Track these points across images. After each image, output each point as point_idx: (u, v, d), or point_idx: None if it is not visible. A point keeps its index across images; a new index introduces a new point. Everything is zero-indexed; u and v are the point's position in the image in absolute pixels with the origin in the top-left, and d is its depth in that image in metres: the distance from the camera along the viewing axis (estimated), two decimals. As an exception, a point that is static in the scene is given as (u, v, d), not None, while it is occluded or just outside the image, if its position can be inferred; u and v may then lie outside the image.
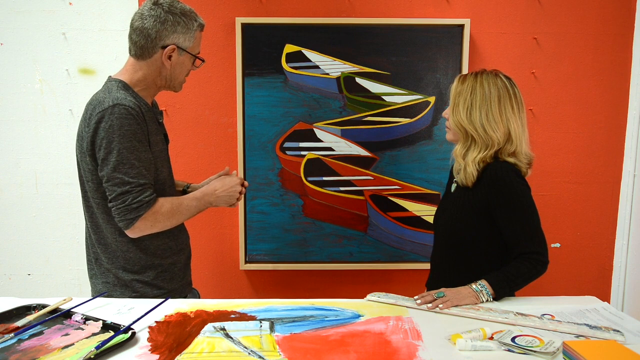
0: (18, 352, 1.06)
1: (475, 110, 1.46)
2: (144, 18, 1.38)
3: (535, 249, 1.41)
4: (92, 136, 1.33)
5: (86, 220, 1.49)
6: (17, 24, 2.16)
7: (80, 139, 1.41)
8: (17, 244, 2.29)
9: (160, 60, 1.42)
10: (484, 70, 1.51)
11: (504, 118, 1.45)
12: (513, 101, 1.46)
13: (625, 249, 2.30)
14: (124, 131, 1.32)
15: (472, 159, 1.47)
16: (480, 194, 1.45)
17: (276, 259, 2.25)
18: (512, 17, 2.18)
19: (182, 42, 1.42)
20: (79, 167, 1.47)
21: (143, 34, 1.39)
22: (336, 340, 1.14)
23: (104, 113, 1.31)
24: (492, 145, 1.45)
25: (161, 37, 1.39)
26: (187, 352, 1.08)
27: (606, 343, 1.09)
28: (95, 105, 1.36)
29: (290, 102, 2.17)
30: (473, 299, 1.35)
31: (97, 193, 1.40)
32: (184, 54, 1.44)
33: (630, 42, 2.21)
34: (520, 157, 1.46)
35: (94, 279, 1.51)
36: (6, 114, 2.21)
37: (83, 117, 1.39)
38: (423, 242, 2.25)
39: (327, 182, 2.22)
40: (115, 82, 1.41)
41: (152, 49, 1.40)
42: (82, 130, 1.39)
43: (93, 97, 1.40)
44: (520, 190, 1.43)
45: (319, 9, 2.15)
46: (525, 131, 1.49)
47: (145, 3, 1.41)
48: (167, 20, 1.38)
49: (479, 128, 1.46)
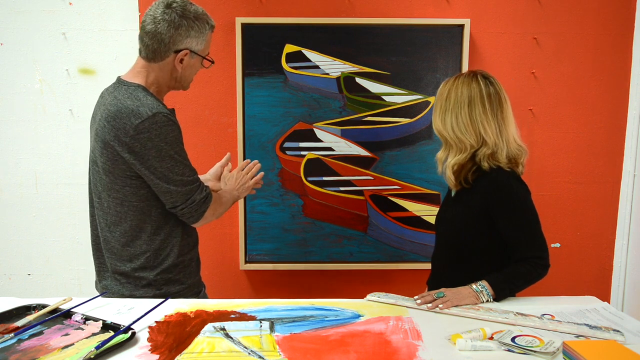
0: (18, 352, 1.06)
1: (448, 115, 1.47)
2: (157, 22, 1.37)
3: (535, 254, 1.41)
4: (133, 145, 1.32)
5: (101, 225, 1.46)
6: (17, 24, 2.16)
7: (105, 146, 1.35)
8: (17, 244, 2.29)
9: (172, 63, 1.42)
10: (465, 73, 1.50)
11: (474, 121, 1.43)
12: (486, 102, 1.43)
13: (625, 249, 2.30)
14: (170, 138, 1.34)
15: (448, 163, 1.48)
16: (480, 197, 1.45)
17: (276, 259, 2.25)
18: (512, 17, 2.18)
19: (195, 46, 1.42)
20: (95, 173, 1.43)
21: (156, 38, 1.37)
22: (336, 340, 1.14)
23: (146, 123, 1.31)
24: (464, 149, 1.45)
25: (175, 42, 1.38)
26: (187, 352, 1.08)
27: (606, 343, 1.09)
28: (128, 114, 1.32)
29: (290, 102, 2.17)
30: (473, 299, 1.36)
31: (136, 197, 1.39)
32: (195, 56, 1.44)
33: (630, 42, 2.21)
34: (499, 158, 1.43)
35: (109, 280, 1.48)
36: (6, 114, 2.21)
37: (111, 125, 1.33)
38: (423, 242, 2.25)
39: (327, 182, 2.22)
40: (135, 86, 1.39)
41: (165, 53, 1.40)
42: (110, 137, 1.34)
43: (120, 105, 1.34)
44: (521, 195, 1.43)
45: (319, 9, 2.15)
46: (506, 130, 1.45)
47: (158, 5, 1.39)
48: (181, 25, 1.37)
49: (450, 132, 1.46)
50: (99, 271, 1.53)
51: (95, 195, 1.45)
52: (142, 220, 1.41)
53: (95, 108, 1.48)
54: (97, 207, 1.46)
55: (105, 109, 1.37)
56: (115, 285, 1.47)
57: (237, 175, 1.61)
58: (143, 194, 1.39)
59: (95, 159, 1.42)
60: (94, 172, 1.44)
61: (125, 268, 1.45)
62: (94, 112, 1.49)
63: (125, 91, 1.38)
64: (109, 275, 1.49)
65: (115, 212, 1.41)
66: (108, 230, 1.44)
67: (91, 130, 1.48)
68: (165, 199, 1.39)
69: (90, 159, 1.45)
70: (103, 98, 1.44)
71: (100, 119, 1.38)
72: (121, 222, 1.41)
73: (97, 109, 1.46)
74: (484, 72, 1.51)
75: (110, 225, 1.43)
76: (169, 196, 1.38)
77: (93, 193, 1.47)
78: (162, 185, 1.36)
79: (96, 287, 1.57)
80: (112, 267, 1.47)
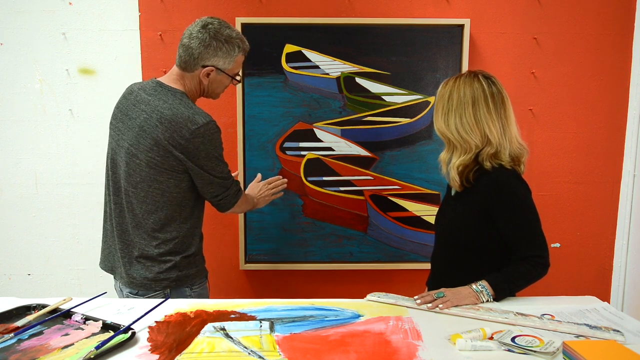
0: (18, 352, 1.06)
1: (451, 116, 1.47)
2: (192, 38, 1.55)
3: (535, 253, 1.41)
4: (187, 147, 1.50)
5: (135, 212, 1.57)
6: (17, 24, 2.16)
7: (156, 143, 1.50)
8: (17, 244, 2.29)
9: (199, 76, 1.59)
10: (465, 73, 1.50)
11: (479, 121, 1.43)
12: (490, 102, 1.44)
13: (625, 249, 2.30)
14: (217, 142, 1.56)
15: (453, 164, 1.48)
16: (480, 197, 1.45)
17: (276, 259, 2.25)
18: (512, 17, 2.18)
19: (222, 65, 1.59)
20: (133, 165, 1.54)
21: (188, 51, 1.56)
22: (336, 340, 1.14)
23: (201, 130, 1.50)
24: (469, 149, 1.45)
25: (202, 58, 1.56)
26: (187, 352, 1.08)
27: (606, 343, 1.09)
28: (185, 120, 1.49)
29: (290, 102, 2.17)
30: (473, 299, 1.36)
31: (176, 189, 1.56)
32: (222, 74, 1.61)
33: (630, 42, 2.21)
34: (502, 157, 1.44)
35: (135, 265, 1.58)
36: (6, 114, 2.21)
37: (165, 127, 1.49)
38: (423, 242, 2.25)
39: (327, 182, 2.22)
40: (180, 93, 1.57)
41: (194, 66, 1.57)
42: (164, 137, 1.49)
43: (175, 110, 1.50)
44: (521, 194, 1.43)
45: (319, 9, 2.15)
46: (509, 130, 1.46)
47: (197, 23, 1.57)
48: (210, 45, 1.55)
49: (454, 133, 1.46)
50: (123, 256, 1.60)
51: (131, 185, 1.56)
52: (176, 210, 1.57)
53: (129, 105, 1.58)
54: (131, 196, 1.56)
55: (156, 111, 1.51)
56: (139, 269, 1.57)
57: (261, 187, 1.88)
58: (183, 186, 1.57)
59: (136, 152, 1.53)
60: (133, 164, 1.54)
61: (154, 252, 1.56)
62: (124, 109, 1.60)
63: (174, 96, 1.55)
64: (134, 260, 1.58)
65: (153, 201, 1.55)
66: (142, 217, 1.56)
67: (122, 125, 1.58)
68: (207, 190, 1.60)
69: (128, 154, 1.55)
70: (141, 98, 1.56)
71: (148, 118, 1.51)
72: (157, 210, 1.56)
73: (132, 106, 1.57)
74: (484, 72, 1.51)
75: (145, 212, 1.56)
76: (210, 188, 1.59)
77: (125, 182, 1.57)
78: (207, 178, 1.56)
79: (115, 276, 1.67)
80: (140, 252, 1.57)
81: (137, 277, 1.57)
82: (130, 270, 1.59)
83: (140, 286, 1.57)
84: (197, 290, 1.65)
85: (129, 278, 1.58)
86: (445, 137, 1.50)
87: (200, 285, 1.67)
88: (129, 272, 1.59)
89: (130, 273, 1.58)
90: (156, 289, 1.57)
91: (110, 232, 1.65)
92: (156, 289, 1.57)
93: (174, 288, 1.59)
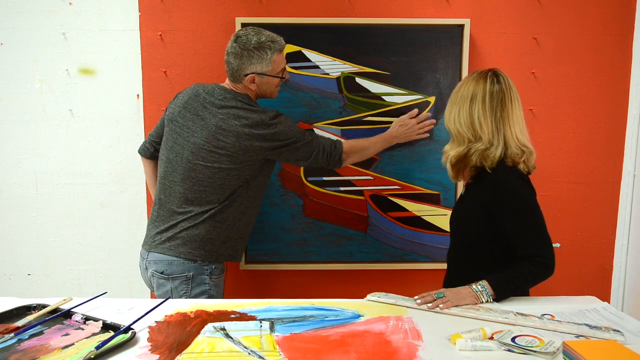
0: (18, 352, 1.06)
1: (452, 109, 1.53)
2: (228, 55, 1.73)
3: (538, 252, 1.40)
4: (265, 134, 1.70)
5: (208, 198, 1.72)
6: (17, 24, 2.16)
7: (239, 138, 1.67)
8: (17, 244, 2.29)
9: (246, 84, 1.74)
10: (481, 70, 1.54)
11: (471, 115, 1.48)
12: (487, 100, 1.46)
13: (625, 249, 2.30)
14: (289, 123, 1.77)
15: (448, 155, 1.54)
16: (481, 195, 1.46)
17: (276, 259, 2.25)
18: (512, 17, 2.18)
19: (260, 69, 1.72)
20: (213, 158, 1.69)
21: (229, 66, 1.74)
22: (336, 340, 1.14)
23: (275, 119, 1.72)
24: (462, 142, 1.50)
25: (242, 69, 1.72)
26: (187, 352, 1.08)
27: (606, 343, 1.09)
28: (260, 113, 1.71)
29: (290, 102, 2.17)
30: (473, 299, 1.36)
31: (250, 173, 1.75)
32: (265, 77, 1.74)
33: (630, 42, 2.21)
34: (490, 155, 1.44)
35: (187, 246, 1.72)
36: (6, 114, 2.21)
37: (243, 123, 1.67)
38: (423, 242, 2.25)
39: (327, 182, 2.22)
40: (247, 97, 1.76)
41: (239, 77, 1.74)
42: (244, 131, 1.67)
43: (247, 109, 1.70)
44: (522, 193, 1.43)
45: (319, 9, 2.15)
46: (505, 129, 1.46)
47: (232, 38, 1.73)
48: (243, 55, 1.70)
49: (452, 124, 1.53)
50: (167, 229, 1.73)
51: (206, 176, 1.70)
52: (244, 196, 1.75)
53: (198, 106, 1.74)
54: (206, 185, 1.70)
55: (232, 115, 1.69)
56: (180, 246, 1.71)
57: (412, 124, 2.02)
58: (255, 175, 1.75)
59: (213, 148, 1.68)
60: (210, 157, 1.68)
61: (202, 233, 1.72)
62: (192, 108, 1.74)
63: (242, 100, 1.73)
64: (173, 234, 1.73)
65: (223, 189, 1.71)
66: (210, 203, 1.71)
67: (192, 124, 1.72)
68: (300, 157, 1.78)
69: (204, 149, 1.69)
70: (209, 101, 1.73)
71: (225, 119, 1.68)
72: (227, 197, 1.72)
73: (200, 107, 1.73)
74: (497, 70, 1.52)
75: (214, 200, 1.71)
76: (298, 152, 1.77)
77: (201, 174, 1.70)
78: (292, 148, 1.75)
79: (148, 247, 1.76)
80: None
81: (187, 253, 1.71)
82: (174, 246, 1.72)
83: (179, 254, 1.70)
84: (215, 281, 1.76)
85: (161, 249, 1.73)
86: (448, 129, 1.57)
87: (218, 277, 1.78)
88: (173, 247, 1.72)
89: (174, 249, 1.71)
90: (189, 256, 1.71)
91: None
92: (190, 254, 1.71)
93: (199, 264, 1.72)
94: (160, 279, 1.71)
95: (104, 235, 2.29)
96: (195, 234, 1.70)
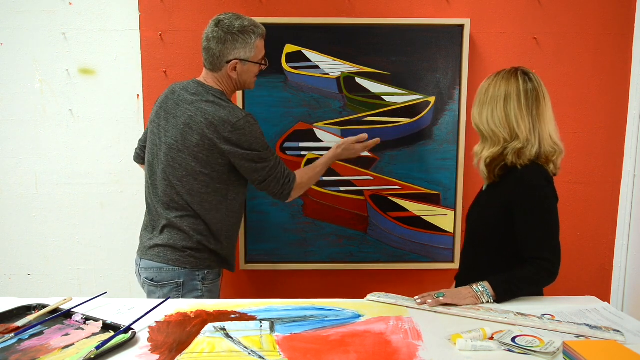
0: (18, 352, 1.06)
1: (484, 109, 1.50)
2: (209, 40, 1.63)
3: (543, 256, 1.39)
4: (230, 138, 1.59)
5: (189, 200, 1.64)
6: (17, 24, 2.16)
7: (202, 138, 1.59)
8: (17, 244, 2.29)
9: (227, 72, 1.65)
10: (507, 69, 1.52)
11: (508, 115, 1.45)
12: (522, 98, 1.45)
13: (625, 249, 2.30)
14: (257, 133, 1.64)
15: (482, 156, 1.51)
16: (505, 191, 1.45)
17: (276, 259, 2.25)
18: (512, 17, 2.18)
19: (244, 55, 1.65)
20: (179, 160, 1.61)
21: (210, 53, 1.64)
22: (336, 340, 1.14)
23: (242, 122, 1.59)
24: (498, 142, 1.47)
25: (224, 55, 1.63)
26: (187, 352, 1.08)
27: (606, 343, 1.09)
28: (227, 114, 1.59)
29: (290, 102, 2.17)
30: (473, 300, 1.36)
31: (218, 180, 1.65)
32: (247, 63, 1.66)
33: (630, 42, 2.22)
34: (527, 153, 1.44)
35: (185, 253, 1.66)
36: (6, 114, 2.21)
37: (209, 122, 1.58)
38: (423, 242, 2.25)
39: (327, 182, 2.22)
40: (220, 92, 1.65)
41: (220, 65, 1.64)
42: (209, 131, 1.58)
43: (217, 107, 1.59)
44: (544, 195, 1.42)
45: (319, 9, 2.15)
46: (540, 127, 1.46)
47: (210, 23, 1.63)
48: (227, 40, 1.61)
49: (485, 125, 1.49)
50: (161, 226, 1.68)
51: (176, 179, 1.63)
52: (220, 201, 1.66)
53: (171, 103, 1.67)
54: (177, 188, 1.64)
55: (200, 110, 1.60)
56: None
57: (358, 148, 1.89)
58: (225, 179, 1.65)
59: (182, 147, 1.61)
60: (179, 158, 1.62)
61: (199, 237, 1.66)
62: (166, 107, 1.67)
63: (214, 96, 1.63)
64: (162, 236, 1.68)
65: (197, 193, 1.63)
66: (188, 208, 1.65)
67: (165, 123, 1.66)
68: (254, 178, 1.67)
69: (174, 149, 1.62)
70: (183, 97, 1.65)
71: (193, 116, 1.60)
72: (203, 202, 1.64)
73: (174, 105, 1.66)
74: (525, 68, 1.52)
75: (190, 204, 1.64)
76: (256, 174, 1.65)
77: (172, 176, 1.64)
78: (251, 166, 1.63)
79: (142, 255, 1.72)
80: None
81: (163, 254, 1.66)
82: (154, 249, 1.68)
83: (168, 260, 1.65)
84: (209, 287, 1.70)
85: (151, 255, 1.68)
86: (478, 129, 1.53)
87: (212, 283, 1.71)
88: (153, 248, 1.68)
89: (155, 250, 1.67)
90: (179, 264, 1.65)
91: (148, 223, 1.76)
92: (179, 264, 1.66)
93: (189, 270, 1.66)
94: (151, 286, 1.67)
95: (104, 235, 2.29)
96: (180, 240, 1.64)
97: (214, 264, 1.70)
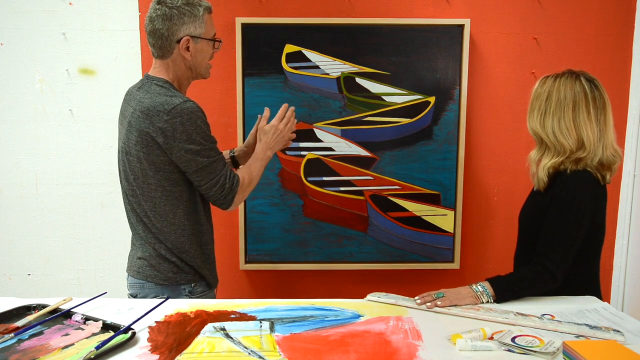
0: (18, 352, 1.06)
1: (548, 117, 1.44)
2: (153, 20, 1.45)
3: (551, 256, 1.37)
4: (165, 129, 1.40)
5: (143, 213, 1.50)
6: (17, 24, 2.16)
7: (140, 134, 1.43)
8: (17, 244, 2.29)
9: (180, 54, 1.48)
10: (566, 72, 1.47)
11: (577, 125, 1.41)
12: (590, 106, 1.41)
13: (625, 249, 2.30)
14: (198, 123, 1.43)
15: (543, 165, 1.45)
16: (552, 192, 1.43)
17: (276, 259, 2.25)
18: (512, 17, 2.18)
19: (194, 31, 1.48)
20: (128, 163, 1.48)
21: (156, 35, 1.46)
22: (336, 340, 1.14)
23: (178, 108, 1.40)
24: (563, 152, 1.42)
25: (173, 33, 1.45)
26: (187, 352, 1.08)
27: (606, 343, 1.09)
28: (162, 103, 1.40)
29: (290, 102, 2.16)
30: (473, 299, 1.36)
31: (168, 182, 1.47)
32: (199, 41, 1.49)
33: (630, 42, 2.21)
34: (589, 162, 1.40)
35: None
36: (6, 114, 2.21)
37: (145, 114, 1.41)
38: (423, 242, 2.25)
39: (327, 182, 2.22)
40: (163, 81, 1.48)
41: (169, 46, 1.47)
42: (145, 125, 1.41)
43: (153, 96, 1.42)
44: (576, 197, 1.38)
45: (319, 9, 2.15)
46: (605, 135, 1.42)
47: (152, 4, 1.47)
48: (172, 15, 1.44)
49: (550, 135, 1.43)
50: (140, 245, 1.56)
51: (128, 183, 1.51)
52: (175, 205, 1.49)
53: (124, 105, 1.54)
54: (129, 194, 1.52)
55: (138, 102, 1.45)
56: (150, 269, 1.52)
57: (275, 129, 1.65)
58: (174, 178, 1.47)
59: (128, 149, 1.47)
60: (128, 162, 1.48)
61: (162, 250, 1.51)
62: (122, 109, 1.55)
63: (156, 85, 1.47)
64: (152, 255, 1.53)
65: (149, 197, 1.48)
66: (146, 216, 1.50)
67: (121, 126, 1.54)
68: (195, 177, 1.47)
69: (123, 152, 1.50)
70: (132, 95, 1.51)
71: (133, 112, 1.45)
72: (156, 207, 1.48)
73: (125, 105, 1.53)
74: (587, 73, 1.47)
75: (147, 211, 1.49)
76: (197, 175, 1.46)
77: (125, 181, 1.53)
78: (192, 164, 1.44)
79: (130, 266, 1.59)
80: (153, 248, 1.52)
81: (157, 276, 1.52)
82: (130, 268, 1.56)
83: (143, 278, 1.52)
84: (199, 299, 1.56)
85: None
86: (538, 137, 1.48)
87: (203, 294, 1.59)
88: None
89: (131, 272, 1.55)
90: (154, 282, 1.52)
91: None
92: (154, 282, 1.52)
93: (170, 286, 1.52)
94: None
95: (104, 235, 2.29)
96: (150, 253, 1.51)
97: (197, 278, 1.56)
